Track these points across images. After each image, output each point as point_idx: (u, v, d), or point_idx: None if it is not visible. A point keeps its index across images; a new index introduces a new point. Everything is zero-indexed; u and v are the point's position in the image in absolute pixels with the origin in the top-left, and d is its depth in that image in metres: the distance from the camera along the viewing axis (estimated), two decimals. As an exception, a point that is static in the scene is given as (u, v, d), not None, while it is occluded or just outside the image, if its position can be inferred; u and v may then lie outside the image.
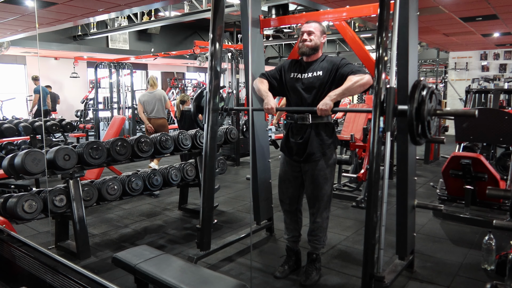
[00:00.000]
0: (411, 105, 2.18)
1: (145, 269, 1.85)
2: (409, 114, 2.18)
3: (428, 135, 2.27)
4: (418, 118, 2.20)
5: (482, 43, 9.45)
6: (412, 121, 2.19)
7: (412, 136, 2.25)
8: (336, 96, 2.47)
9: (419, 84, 2.22)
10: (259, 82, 2.83)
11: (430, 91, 2.25)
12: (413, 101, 2.18)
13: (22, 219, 2.97)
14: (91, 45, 11.47)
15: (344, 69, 2.57)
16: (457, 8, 5.84)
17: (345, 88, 2.47)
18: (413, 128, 2.21)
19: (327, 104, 2.46)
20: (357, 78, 2.47)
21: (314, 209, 2.79)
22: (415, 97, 2.18)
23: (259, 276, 2.91)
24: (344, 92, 2.47)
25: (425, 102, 2.19)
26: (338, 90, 2.48)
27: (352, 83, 2.46)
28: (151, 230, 3.91)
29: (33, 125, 5.63)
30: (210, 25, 2.90)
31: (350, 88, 2.46)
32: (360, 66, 2.61)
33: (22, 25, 7.01)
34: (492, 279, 2.79)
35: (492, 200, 3.95)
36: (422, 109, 2.18)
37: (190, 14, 7.64)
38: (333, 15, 3.17)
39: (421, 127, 2.23)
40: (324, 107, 2.46)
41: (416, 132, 2.22)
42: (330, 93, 2.49)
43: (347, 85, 2.47)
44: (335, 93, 2.48)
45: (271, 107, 2.66)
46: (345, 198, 4.89)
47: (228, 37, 12.76)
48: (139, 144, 3.65)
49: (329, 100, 2.46)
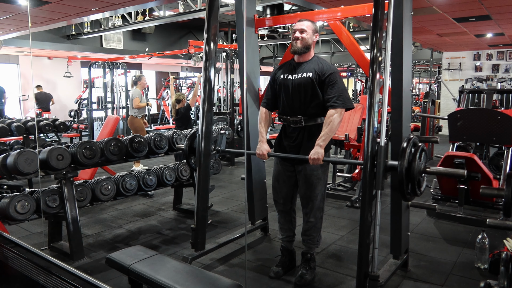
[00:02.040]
0: (402, 162, 2.24)
1: (139, 270, 1.84)
2: (400, 172, 2.25)
3: (418, 193, 2.33)
4: (408, 177, 2.26)
5: (475, 43, 9.52)
6: (402, 179, 2.25)
7: (403, 194, 2.31)
8: (324, 143, 2.56)
9: (409, 142, 2.31)
10: (260, 117, 2.89)
11: (420, 149, 2.32)
12: (403, 158, 2.25)
13: (15, 220, 2.95)
14: (85, 45, 11.39)
15: (329, 88, 2.60)
16: (451, 9, 5.87)
17: (329, 131, 2.57)
18: (403, 186, 2.27)
19: (318, 153, 2.53)
20: (335, 117, 2.56)
21: (307, 209, 2.79)
22: (406, 156, 2.25)
23: (254, 276, 2.91)
24: (329, 135, 2.57)
25: (415, 159, 2.26)
26: (323, 136, 2.56)
27: (333, 124, 2.56)
28: (145, 230, 3.89)
29: (26, 125, 5.58)
30: (204, 25, 2.90)
31: (333, 129, 2.57)
32: (341, 91, 2.60)
33: (15, 24, 6.95)
34: (485, 278, 2.80)
35: (485, 199, 3.98)
36: (412, 167, 2.26)
37: (185, 14, 7.61)
38: (328, 15, 3.17)
39: (411, 186, 2.30)
40: (316, 156, 2.53)
41: (406, 190, 2.28)
42: (318, 141, 2.56)
43: (329, 127, 2.56)
44: (322, 139, 2.56)
45: (262, 153, 2.76)
46: (340, 198, 4.90)
47: (222, 36, 12.74)
48: (133, 144, 3.64)
49: (319, 149, 2.54)
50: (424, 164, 2.35)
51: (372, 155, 2.21)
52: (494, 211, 4.14)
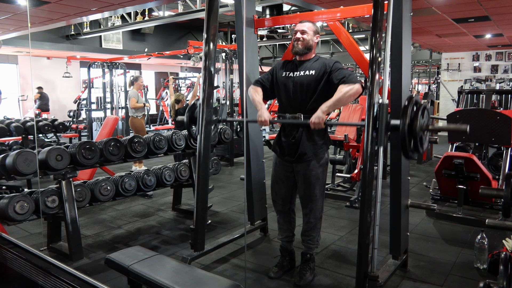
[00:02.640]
0: (404, 121, 2.21)
1: (138, 270, 1.84)
2: (402, 129, 2.21)
3: (420, 150, 2.31)
4: (411, 134, 2.23)
5: (474, 44, 9.53)
6: (404, 136, 2.22)
7: (405, 151, 2.29)
8: (327, 109, 2.49)
9: (411, 101, 2.27)
10: (253, 91, 2.84)
11: (422, 107, 2.29)
12: (405, 116, 2.21)
13: (14, 220, 2.94)
14: (84, 45, 11.38)
15: (336, 74, 2.58)
16: (450, 9, 5.88)
17: (336, 100, 2.48)
18: (406, 143, 2.24)
19: (319, 117, 2.48)
20: (347, 89, 2.48)
21: (307, 209, 2.79)
22: (408, 113, 2.21)
23: (253, 277, 2.91)
24: (335, 103, 2.49)
25: (417, 117, 2.23)
26: (329, 102, 2.49)
27: (343, 94, 2.48)
28: (145, 231, 3.89)
29: (24, 125, 5.57)
30: (204, 25, 2.89)
31: (341, 99, 2.48)
32: (351, 72, 2.62)
33: (14, 24, 6.94)
34: (484, 278, 2.80)
35: (484, 199, 3.99)
36: (415, 125, 2.23)
37: (184, 14, 7.61)
38: (327, 16, 3.18)
39: (413, 143, 2.27)
40: (317, 120, 2.48)
41: (408, 147, 2.26)
42: (322, 106, 2.51)
43: (338, 96, 2.49)
44: (326, 105, 2.49)
45: (264, 120, 2.69)
46: (339, 198, 4.90)
47: (222, 37, 12.74)
48: (132, 144, 3.63)
49: (321, 113, 2.49)
50: (426, 122, 2.34)
51: (374, 114, 2.19)
52: (493, 211, 4.15)
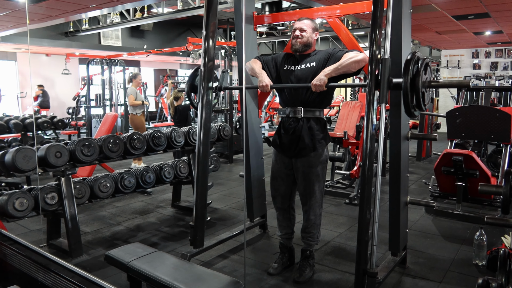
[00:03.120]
0: (406, 77, 2.17)
1: (138, 267, 1.84)
2: (404, 86, 2.17)
3: (423, 107, 2.28)
4: (413, 89, 2.19)
5: (474, 41, 9.52)
6: (407, 92, 2.19)
7: (407, 107, 2.25)
8: (330, 72, 2.47)
9: (413, 56, 2.23)
10: (253, 62, 2.84)
11: (425, 63, 2.25)
12: (407, 73, 2.18)
13: (13, 217, 2.94)
14: (83, 42, 11.35)
15: (339, 53, 2.59)
16: (450, 6, 5.87)
17: (340, 63, 2.47)
18: (408, 99, 2.21)
19: (321, 79, 2.46)
20: (352, 54, 2.48)
21: (306, 206, 2.80)
22: (410, 69, 2.18)
23: (253, 273, 2.91)
24: (338, 67, 2.46)
25: (419, 73, 2.19)
26: (332, 66, 2.48)
27: (347, 58, 2.46)
28: (144, 227, 3.89)
29: (24, 122, 5.57)
30: (203, 22, 2.89)
31: (345, 63, 2.46)
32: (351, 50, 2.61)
33: (13, 21, 6.92)
34: (483, 275, 2.82)
35: (483, 196, 3.99)
36: (417, 81, 2.18)
37: (183, 11, 7.59)
38: (327, 12, 3.17)
39: (415, 99, 2.23)
40: (319, 82, 2.46)
41: (411, 103, 2.23)
42: (325, 69, 2.50)
43: (343, 60, 2.47)
44: (329, 68, 2.48)
45: (265, 84, 2.66)
46: (338, 195, 4.91)
47: (221, 34, 12.71)
48: (131, 141, 3.63)
49: (323, 76, 2.46)
50: (428, 78, 2.30)
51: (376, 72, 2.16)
52: (492, 208, 4.16)
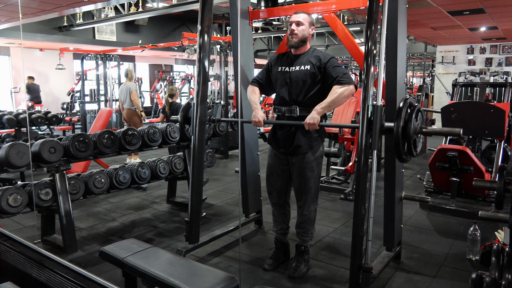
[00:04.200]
0: (398, 123, 2.21)
1: (133, 263, 1.84)
2: (396, 132, 2.21)
3: (414, 153, 2.32)
4: (404, 136, 2.23)
5: (469, 37, 9.54)
6: (398, 139, 2.22)
7: (399, 154, 2.29)
8: (322, 110, 2.51)
9: (405, 103, 2.26)
10: (251, 91, 2.86)
11: (416, 110, 2.29)
12: (399, 119, 2.21)
13: (7, 213, 2.92)
14: (77, 36, 11.24)
15: (331, 71, 2.58)
16: (445, 2, 5.87)
17: (331, 101, 2.50)
18: (399, 146, 2.25)
19: (314, 118, 2.49)
20: (341, 90, 2.50)
21: (301, 202, 2.80)
22: (402, 116, 2.21)
23: (248, 269, 2.92)
24: (330, 105, 2.51)
25: (411, 120, 2.23)
26: (324, 104, 2.51)
27: (337, 95, 2.49)
28: (139, 223, 3.89)
29: (17, 118, 5.52)
30: (198, 17, 2.87)
31: (336, 100, 2.51)
32: (346, 71, 2.61)
33: (5, 15, 6.83)
34: (477, 269, 2.83)
35: (477, 191, 4.02)
36: (408, 128, 2.22)
37: (178, 6, 7.53)
38: (323, 7, 3.16)
39: (407, 146, 2.27)
40: (312, 121, 2.49)
41: (402, 150, 2.26)
42: (317, 107, 2.52)
43: (332, 97, 2.50)
44: (321, 106, 2.51)
45: (258, 120, 2.71)
46: (333, 191, 4.92)
47: (216, 29, 12.64)
48: (126, 136, 3.61)
49: (316, 114, 2.50)
50: (420, 124, 2.34)
51: (369, 116, 2.19)
52: (486, 203, 4.19)
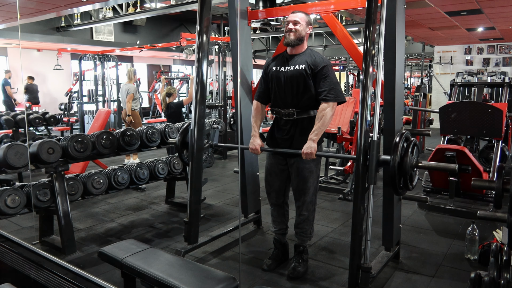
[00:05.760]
0: (394, 157, 2.23)
1: (132, 263, 1.84)
2: (392, 166, 2.23)
3: (410, 187, 2.33)
4: (400, 171, 2.26)
5: (467, 37, 9.57)
6: (394, 174, 2.25)
7: (395, 188, 2.30)
8: (316, 138, 2.56)
9: (401, 137, 2.29)
10: (255, 112, 2.87)
11: (412, 144, 2.30)
12: (396, 153, 2.24)
13: (5, 214, 2.91)
14: (75, 37, 11.21)
15: (321, 83, 2.59)
16: (443, 2, 5.89)
17: (321, 125, 2.56)
18: (396, 180, 2.27)
19: (311, 147, 2.52)
20: (327, 110, 2.55)
21: (300, 202, 2.80)
22: (398, 150, 2.24)
23: (247, 269, 2.92)
24: (322, 129, 2.57)
25: (407, 154, 2.26)
26: (316, 131, 2.56)
27: (325, 117, 2.55)
28: (138, 224, 3.88)
29: (15, 118, 5.51)
30: (197, 17, 2.87)
31: (325, 123, 2.56)
32: (334, 85, 2.60)
33: (3, 16, 6.81)
34: (475, 269, 2.84)
35: (475, 191, 4.03)
36: (405, 162, 2.25)
37: (177, 6, 7.52)
38: (321, 8, 3.16)
39: (403, 180, 2.29)
40: (309, 151, 2.52)
41: (398, 184, 2.27)
42: (311, 135, 2.55)
43: (322, 121, 2.55)
44: (315, 134, 2.55)
45: (255, 148, 2.75)
46: (332, 191, 4.93)
47: (215, 29, 12.64)
48: (125, 137, 3.61)
49: (312, 143, 2.54)
50: (416, 158, 2.35)
51: (365, 149, 2.22)
52: (484, 203, 4.20)
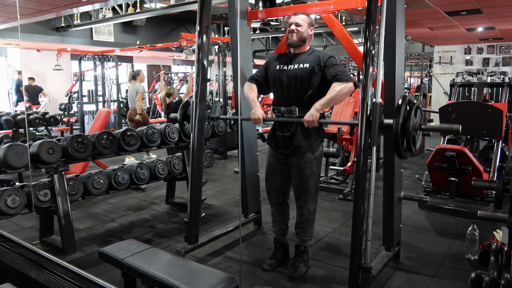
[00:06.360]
0: (397, 120, 2.21)
1: (132, 263, 1.84)
2: (395, 130, 2.21)
3: (413, 149, 2.32)
4: (404, 133, 2.24)
5: (466, 37, 9.57)
6: (397, 136, 2.23)
7: (398, 150, 2.29)
8: (321, 107, 2.51)
9: (404, 100, 2.27)
10: (248, 88, 2.84)
11: (415, 107, 2.29)
12: (398, 116, 2.22)
13: (5, 214, 2.91)
14: (75, 37, 11.22)
15: (330, 70, 2.58)
16: (442, 2, 5.89)
17: (330, 98, 2.50)
18: (399, 143, 2.25)
19: (313, 115, 2.49)
20: (340, 87, 2.50)
21: (301, 202, 2.80)
22: (401, 113, 2.22)
23: (247, 269, 2.92)
24: (329, 102, 2.51)
25: (410, 117, 2.24)
26: (322, 101, 2.51)
27: (336, 92, 2.49)
28: (138, 224, 3.88)
29: (15, 119, 5.51)
30: (197, 17, 2.87)
31: (334, 97, 2.51)
32: (344, 69, 2.62)
33: (3, 16, 6.81)
34: (475, 269, 2.84)
35: (475, 191, 4.03)
36: (408, 124, 2.23)
37: (176, 6, 7.52)
38: (321, 8, 3.16)
39: (406, 142, 2.28)
40: (311, 119, 2.49)
41: (401, 146, 2.27)
42: (316, 104, 2.52)
43: (331, 95, 2.50)
44: (320, 103, 2.51)
45: (257, 117, 2.69)
46: (332, 191, 4.93)
47: (215, 29, 12.64)
48: (125, 137, 3.61)
49: (315, 111, 2.50)
50: (419, 121, 2.35)
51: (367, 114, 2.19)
52: (484, 203, 4.20)
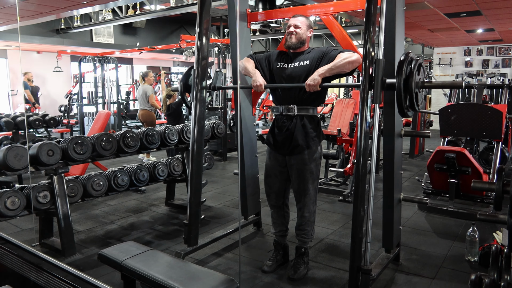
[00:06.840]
0: (399, 78, 2.20)
1: (132, 265, 1.83)
2: (398, 86, 2.19)
3: (416, 107, 2.31)
4: (406, 90, 2.22)
5: (466, 39, 9.59)
6: (400, 93, 2.21)
7: (401, 108, 2.28)
8: (324, 72, 2.48)
9: (407, 57, 2.25)
10: (246, 61, 2.84)
11: (418, 64, 2.27)
12: (401, 73, 2.20)
13: (5, 216, 2.91)
14: (75, 39, 11.24)
15: (333, 52, 2.59)
16: (442, 4, 5.90)
17: (334, 64, 2.48)
18: (402, 100, 2.23)
19: (315, 79, 2.47)
20: (346, 55, 2.49)
21: (301, 204, 2.80)
22: (403, 70, 2.20)
23: (247, 271, 2.91)
24: (332, 68, 2.48)
25: (413, 74, 2.22)
26: (326, 66, 2.50)
27: (341, 59, 2.47)
28: (138, 226, 3.88)
29: (15, 120, 5.51)
30: (196, 19, 2.87)
31: (339, 64, 2.47)
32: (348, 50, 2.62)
33: (3, 18, 6.82)
34: (475, 271, 2.83)
35: (475, 193, 4.03)
36: (410, 82, 2.21)
37: (176, 8, 7.54)
38: (320, 10, 3.16)
39: (409, 99, 2.25)
40: (313, 82, 2.47)
41: (404, 104, 2.25)
42: (319, 69, 2.50)
43: (336, 61, 2.49)
44: (323, 68, 2.49)
45: (259, 84, 2.66)
46: (332, 193, 4.92)
47: (214, 31, 12.66)
48: (124, 139, 3.61)
49: (317, 76, 2.47)
50: (422, 79, 2.33)
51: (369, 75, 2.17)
52: (484, 204, 4.20)
